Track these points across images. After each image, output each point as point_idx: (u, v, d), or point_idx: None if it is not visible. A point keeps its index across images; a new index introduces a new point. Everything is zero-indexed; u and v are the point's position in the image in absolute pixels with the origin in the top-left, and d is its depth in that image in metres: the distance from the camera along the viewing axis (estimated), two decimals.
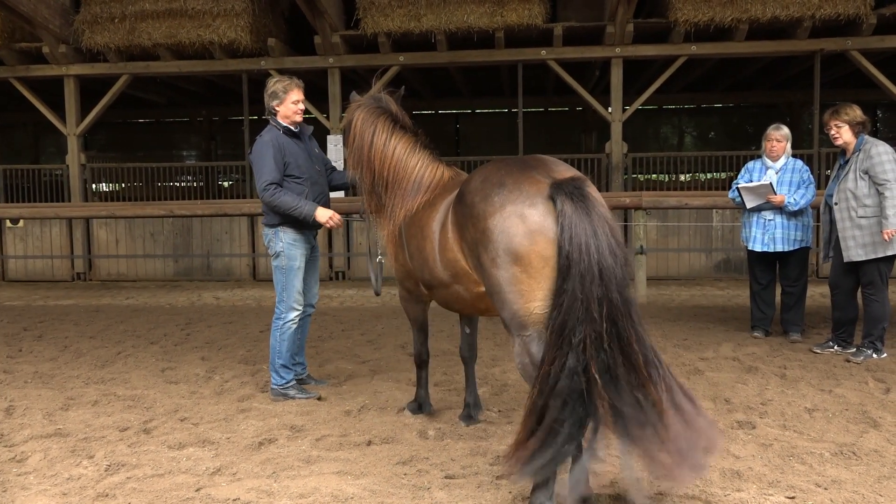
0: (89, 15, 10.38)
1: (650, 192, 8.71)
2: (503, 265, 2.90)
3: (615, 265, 2.73)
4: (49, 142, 17.59)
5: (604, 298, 2.69)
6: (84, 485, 3.36)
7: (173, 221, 10.95)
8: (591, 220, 2.75)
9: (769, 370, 5.22)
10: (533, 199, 2.88)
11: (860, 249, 5.42)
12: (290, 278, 4.76)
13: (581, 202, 2.78)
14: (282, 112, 4.76)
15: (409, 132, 4.03)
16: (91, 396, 4.81)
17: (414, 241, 3.73)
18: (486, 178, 3.11)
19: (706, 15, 9.53)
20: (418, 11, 9.91)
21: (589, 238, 2.72)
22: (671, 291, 9.36)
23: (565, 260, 2.74)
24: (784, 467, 3.44)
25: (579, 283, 2.69)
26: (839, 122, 5.56)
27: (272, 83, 4.79)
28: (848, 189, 5.46)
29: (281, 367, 4.75)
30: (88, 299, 9.54)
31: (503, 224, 2.90)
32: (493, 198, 2.97)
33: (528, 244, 2.85)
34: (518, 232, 2.86)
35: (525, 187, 2.93)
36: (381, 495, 3.19)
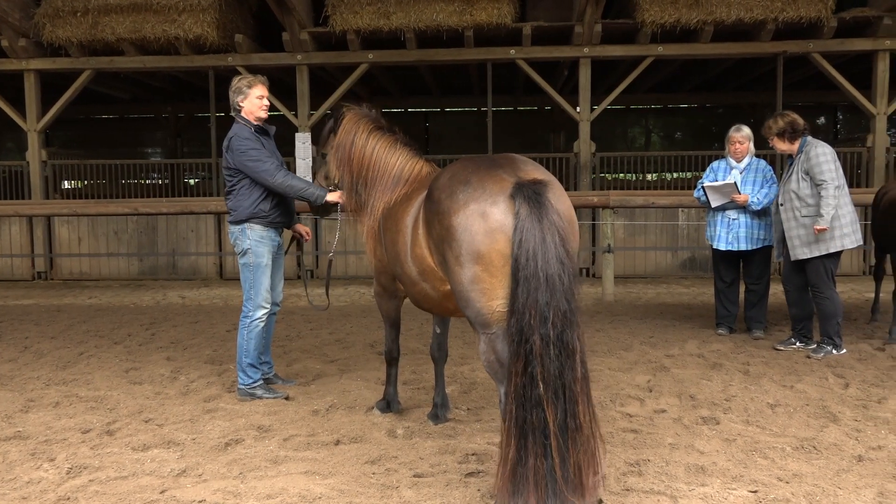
0: (50, 8, 10.14)
1: (618, 192, 8.79)
2: (466, 263, 2.93)
3: (562, 273, 2.75)
4: (8, 138, 17.15)
5: (551, 305, 2.71)
6: (45, 488, 3.29)
7: (138, 219, 10.77)
8: (542, 227, 2.77)
9: (733, 367, 5.31)
10: (495, 197, 2.90)
11: (805, 248, 5.57)
12: (258, 276, 4.73)
13: (536, 207, 2.80)
14: (246, 108, 4.72)
15: (388, 133, 4.16)
16: (52, 398, 4.71)
17: (389, 234, 3.76)
18: (454, 175, 3.14)
19: (672, 16, 9.66)
20: (388, 9, 9.87)
21: (537, 244, 2.75)
22: (638, 289, 9.47)
23: (514, 263, 2.78)
24: (747, 462, 3.50)
25: (525, 287, 2.73)
26: (769, 137, 5.82)
27: (237, 80, 4.78)
28: (791, 190, 5.65)
29: (248, 367, 4.71)
30: (49, 299, 9.34)
31: (466, 222, 2.92)
32: (457, 195, 2.99)
33: (489, 242, 2.87)
34: (479, 230, 2.89)
35: (489, 185, 2.95)
36: (349, 495, 3.18)
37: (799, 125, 5.71)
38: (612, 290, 8.57)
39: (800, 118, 5.76)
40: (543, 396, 2.68)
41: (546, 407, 2.68)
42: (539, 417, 2.68)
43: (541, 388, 2.68)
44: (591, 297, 8.88)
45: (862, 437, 3.82)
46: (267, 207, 4.72)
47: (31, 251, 10.99)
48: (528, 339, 2.70)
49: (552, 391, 2.69)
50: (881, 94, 10.25)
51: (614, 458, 3.54)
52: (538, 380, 2.68)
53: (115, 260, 10.99)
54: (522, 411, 2.70)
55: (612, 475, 3.34)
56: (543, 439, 2.68)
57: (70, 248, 10.98)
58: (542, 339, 2.69)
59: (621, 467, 3.43)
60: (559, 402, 2.69)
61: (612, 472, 3.36)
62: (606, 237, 8.58)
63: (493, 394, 4.69)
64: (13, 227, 10.88)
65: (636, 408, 4.40)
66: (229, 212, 4.80)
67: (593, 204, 8.73)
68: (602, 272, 8.81)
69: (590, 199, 8.71)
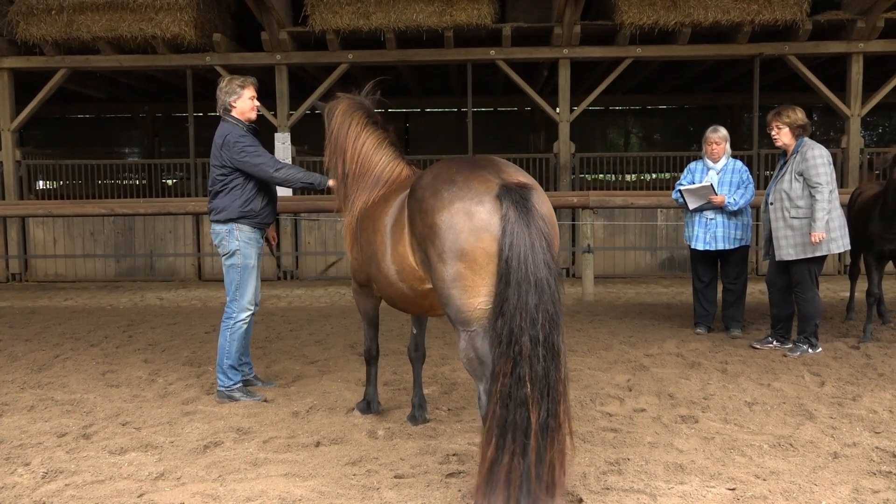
0: (24, 6, 9.99)
1: (597, 192, 8.83)
2: (449, 261, 2.94)
3: (549, 277, 2.81)
4: None
5: (540, 307, 2.77)
6: (19, 493, 3.24)
7: (115, 220, 10.65)
8: (530, 232, 2.82)
9: (711, 365, 5.36)
10: (481, 196, 2.93)
11: (791, 249, 5.58)
12: (246, 277, 4.72)
13: (524, 212, 2.85)
14: (239, 108, 4.74)
15: (380, 128, 4.13)
16: (27, 401, 4.64)
17: (366, 233, 3.76)
18: (437, 174, 3.16)
19: (650, 18, 9.74)
20: (367, 9, 9.85)
21: (527, 249, 2.80)
22: (618, 289, 9.53)
23: (505, 265, 2.81)
24: (725, 460, 3.53)
25: (516, 290, 2.78)
26: (780, 124, 5.71)
27: (228, 80, 4.79)
28: (783, 190, 5.62)
29: (229, 369, 4.69)
30: (24, 301, 9.20)
31: (451, 220, 2.95)
32: (442, 194, 3.02)
33: (474, 241, 2.89)
34: (465, 228, 2.91)
35: (474, 185, 2.98)
36: (329, 496, 3.16)
37: (808, 124, 5.71)
38: (591, 289, 8.62)
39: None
40: (529, 397, 2.72)
41: (531, 407, 2.72)
42: (522, 417, 2.72)
43: (528, 389, 2.72)
44: (572, 296, 8.92)
45: (837, 434, 3.88)
46: (257, 207, 4.71)
47: (6, 252, 10.82)
48: (518, 341, 2.74)
49: (538, 391, 2.73)
50: (855, 96, 10.41)
51: (594, 458, 3.56)
52: (525, 380, 2.73)
53: (91, 261, 10.85)
54: (506, 411, 2.73)
55: (593, 474, 3.35)
56: (524, 439, 2.71)
57: (45, 250, 10.83)
58: (531, 340, 2.74)
59: (601, 466, 3.45)
60: (543, 403, 2.74)
61: (591, 471, 3.38)
62: (586, 237, 8.62)
63: (473, 394, 4.69)
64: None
65: (616, 407, 4.42)
66: (213, 211, 4.75)
67: (573, 204, 8.78)
68: (582, 272, 8.86)
69: (570, 199, 8.75)
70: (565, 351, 2.85)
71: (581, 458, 3.56)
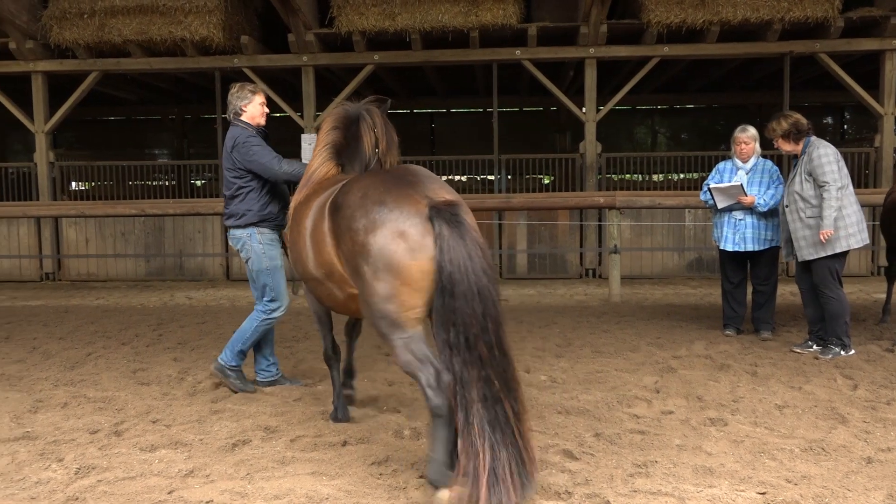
0: (57, 10, 10.20)
1: (624, 192, 8.77)
2: (384, 278, 3.08)
3: (489, 284, 3.00)
4: (16, 139, 17.22)
5: (486, 314, 2.96)
6: (53, 489, 3.30)
7: (145, 221, 10.81)
8: (466, 245, 2.99)
9: (741, 368, 5.29)
10: (412, 218, 3.08)
11: (811, 249, 5.56)
12: (278, 277, 4.84)
13: (456, 228, 3.01)
14: (249, 112, 4.84)
15: (335, 133, 4.08)
16: (60, 399, 4.73)
17: (292, 233, 3.91)
18: (366, 194, 3.24)
19: (678, 17, 9.65)
20: (393, 10, 9.89)
21: (466, 260, 2.97)
22: (644, 290, 9.45)
23: (448, 279, 2.97)
24: (755, 463, 3.49)
25: (462, 300, 2.95)
26: (773, 138, 5.81)
27: (239, 86, 4.92)
28: (795, 191, 5.64)
29: (239, 352, 4.83)
30: (57, 300, 9.38)
31: (384, 240, 3.08)
32: (373, 215, 3.14)
33: (410, 259, 3.05)
34: (399, 249, 3.06)
35: (405, 207, 3.11)
36: (356, 495, 3.18)
37: (803, 125, 5.69)
38: (618, 290, 8.56)
39: (803, 118, 5.74)
40: (501, 393, 2.93)
41: (504, 402, 2.94)
42: (501, 412, 2.93)
43: (497, 387, 2.93)
44: (598, 297, 8.87)
45: (871, 438, 3.80)
46: (276, 210, 4.81)
47: (39, 252, 11.04)
48: (476, 348, 2.94)
49: (504, 387, 2.95)
50: (888, 94, 10.22)
51: (621, 460, 3.53)
52: (493, 380, 2.93)
53: (122, 261, 11.03)
54: (487, 411, 2.91)
55: (619, 476, 3.33)
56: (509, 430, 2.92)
57: (78, 249, 11.03)
58: (486, 345, 2.95)
59: (628, 468, 3.42)
60: (510, 396, 2.96)
61: (618, 473, 3.36)
62: (613, 238, 8.56)
63: None
64: (21, 228, 10.93)
65: (643, 409, 4.39)
66: (230, 216, 4.84)
67: (599, 205, 8.73)
68: (609, 273, 8.80)
69: (596, 199, 8.70)
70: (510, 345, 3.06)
71: (608, 460, 3.54)
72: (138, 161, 12.87)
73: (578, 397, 4.60)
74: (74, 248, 11.05)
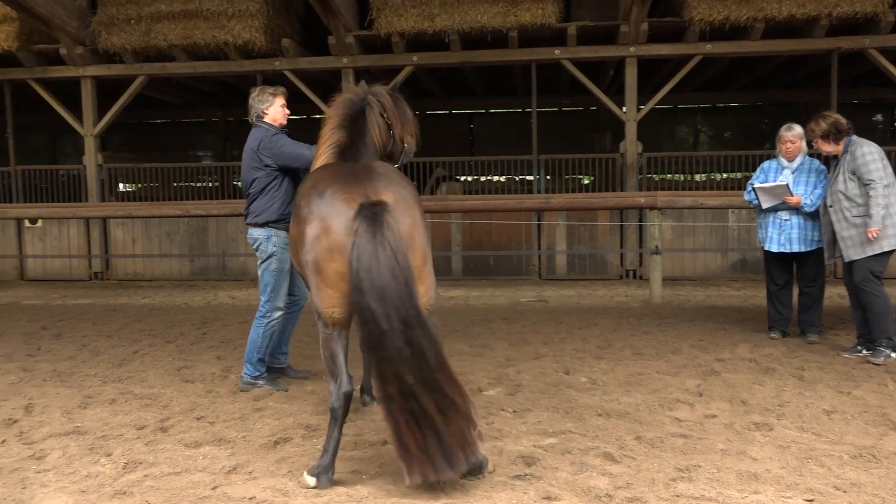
0: (106, 16, 10.46)
1: (665, 192, 8.64)
2: (311, 271, 3.29)
3: (396, 284, 3.06)
4: (66, 142, 17.75)
5: (391, 315, 3.03)
6: (102, 482, 3.39)
7: (189, 221, 11.02)
8: (375, 243, 3.08)
9: (786, 371, 5.18)
10: (340, 216, 3.20)
11: (857, 249, 5.47)
12: (281, 280, 4.96)
13: (372, 226, 3.10)
14: (271, 115, 5.00)
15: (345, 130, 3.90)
16: (108, 395, 4.86)
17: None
18: (315, 184, 3.42)
19: (721, 14, 9.47)
20: (432, 11, 9.91)
21: (372, 259, 3.07)
22: (686, 292, 9.31)
23: (356, 277, 3.08)
24: (802, 470, 3.41)
25: (370, 299, 3.05)
26: (812, 139, 5.74)
27: (259, 90, 5.06)
28: (839, 191, 5.55)
29: (258, 361, 4.97)
30: (106, 298, 9.63)
31: (313, 233, 3.25)
32: (311, 206, 3.30)
33: (328, 258, 3.20)
34: (322, 245, 3.21)
35: (338, 203, 3.22)
36: (395, 495, 3.19)
37: (842, 125, 5.60)
38: (659, 292, 8.44)
39: (842, 118, 5.66)
40: (415, 387, 3.03)
41: (420, 396, 3.03)
42: (420, 405, 3.03)
43: (411, 381, 3.03)
44: (639, 299, 8.77)
45: None
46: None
47: (88, 252, 11.34)
48: (383, 347, 3.04)
49: (420, 382, 3.04)
50: None
51: (663, 464, 3.49)
52: (405, 377, 3.03)
53: (167, 260, 11.27)
54: (406, 403, 3.03)
55: (661, 480, 3.29)
56: (429, 421, 3.04)
57: (125, 249, 11.30)
58: (393, 344, 3.03)
59: (670, 472, 3.38)
60: (429, 391, 3.04)
61: (660, 478, 3.32)
62: (654, 238, 8.46)
63: (539, 396, 4.67)
64: (71, 228, 11.25)
65: (686, 412, 4.32)
66: (250, 214, 4.96)
67: (640, 205, 8.62)
68: (649, 274, 8.69)
69: (637, 199, 8.60)
70: (434, 343, 3.11)
71: (649, 463, 3.50)
72: (182, 163, 13.10)
73: (619, 399, 4.56)
74: (122, 248, 11.32)
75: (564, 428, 4.04)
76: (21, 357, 6.07)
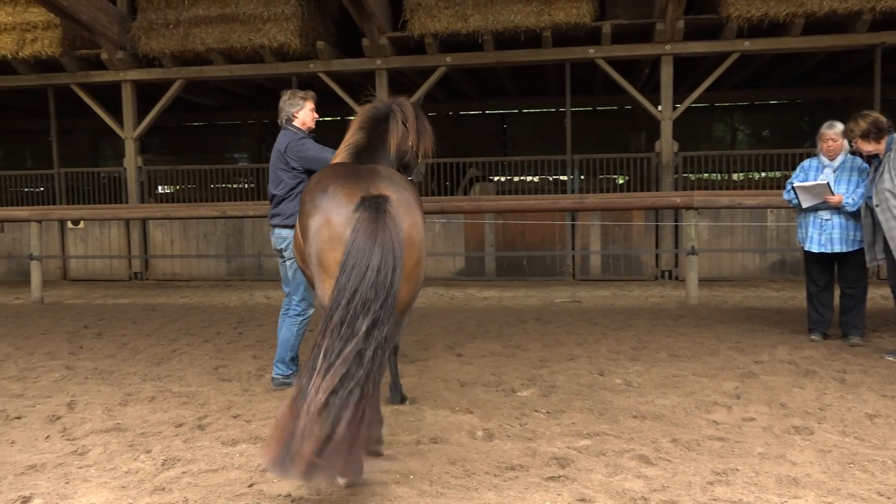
0: (145, 22, 10.68)
1: (702, 192, 8.51)
2: (314, 263, 3.39)
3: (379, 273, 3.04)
4: (107, 145, 18.15)
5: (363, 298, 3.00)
6: (142, 478, 3.46)
7: (226, 222, 11.19)
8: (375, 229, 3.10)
9: (828, 374, 5.06)
10: (341, 208, 3.30)
11: None
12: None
13: (374, 213, 3.14)
14: (301, 118, 5.08)
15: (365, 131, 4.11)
16: (148, 392, 4.95)
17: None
18: (319, 180, 3.56)
19: (760, 10, 9.31)
20: (465, 12, 9.91)
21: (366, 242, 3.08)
22: (724, 293, 9.17)
23: (345, 256, 3.10)
24: (844, 475, 3.33)
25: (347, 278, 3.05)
26: (852, 139, 5.61)
27: (290, 94, 5.15)
28: (886, 189, 5.41)
29: (291, 360, 5.04)
30: (145, 298, 9.82)
31: (315, 226, 3.36)
32: (315, 200, 3.42)
33: (328, 249, 3.29)
34: (324, 237, 3.31)
35: (339, 197, 3.34)
36: (429, 495, 3.20)
37: (882, 124, 5.49)
38: (696, 293, 8.32)
39: (882, 116, 5.54)
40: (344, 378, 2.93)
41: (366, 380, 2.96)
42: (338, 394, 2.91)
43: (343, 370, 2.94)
44: (674, 300, 8.66)
45: None
46: None
47: (129, 252, 11.58)
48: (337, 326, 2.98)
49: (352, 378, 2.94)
50: None
51: (700, 467, 3.44)
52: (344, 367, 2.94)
53: (204, 261, 11.45)
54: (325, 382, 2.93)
55: (698, 483, 3.24)
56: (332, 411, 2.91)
57: (163, 250, 11.51)
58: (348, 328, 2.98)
59: (707, 476, 3.33)
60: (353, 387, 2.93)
61: (697, 481, 3.27)
62: (690, 239, 8.34)
63: (573, 397, 4.64)
64: (112, 229, 11.50)
65: (723, 415, 4.25)
66: (277, 216, 5.03)
67: (676, 205, 8.51)
68: (685, 275, 8.57)
69: (672, 199, 8.49)
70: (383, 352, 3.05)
71: (685, 466, 3.45)
72: (219, 165, 13.30)
73: (654, 402, 4.50)
74: (160, 248, 11.54)
75: (599, 429, 4.00)
76: (64, 355, 6.22)
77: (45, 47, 10.95)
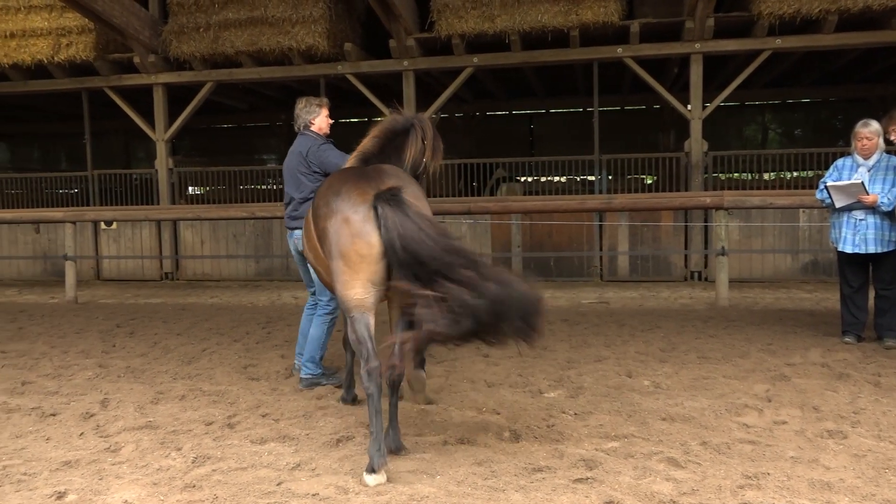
0: (176, 25, 10.84)
1: (732, 192, 8.40)
2: (334, 258, 3.56)
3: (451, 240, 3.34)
4: (139, 147, 18.45)
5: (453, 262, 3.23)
6: (173, 476, 3.51)
7: (254, 223, 11.30)
8: (411, 219, 3.33)
9: (862, 377, 4.97)
10: (357, 207, 3.51)
11: None
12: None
13: (397, 206, 3.37)
14: (318, 124, 5.23)
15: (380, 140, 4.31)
16: (179, 391, 5.02)
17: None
18: (331, 185, 3.77)
19: (792, 7, 9.16)
20: (492, 12, 9.90)
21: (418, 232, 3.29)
22: (755, 294, 9.04)
23: (387, 239, 3.33)
24: (879, 480, 3.27)
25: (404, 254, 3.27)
26: (891, 134, 5.53)
27: (305, 101, 5.29)
28: None
29: (320, 359, 5.12)
30: (176, 298, 9.95)
31: (334, 226, 3.57)
32: (330, 203, 3.63)
33: (349, 244, 3.48)
34: (344, 233, 3.51)
35: (353, 197, 3.55)
36: (456, 496, 3.20)
37: None
38: (726, 294, 8.22)
39: None
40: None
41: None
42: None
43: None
44: (704, 301, 8.56)
45: None
46: None
47: (160, 253, 11.75)
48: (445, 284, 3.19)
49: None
50: None
51: (730, 470, 3.39)
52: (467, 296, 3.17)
53: (233, 261, 11.58)
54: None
55: (728, 487, 3.20)
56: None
57: (194, 251, 11.67)
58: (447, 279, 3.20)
59: (738, 480, 3.28)
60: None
61: (727, 484, 3.23)
62: (720, 239, 8.24)
63: (601, 399, 4.61)
64: (144, 230, 11.68)
65: (754, 418, 4.19)
66: (296, 219, 5.13)
67: (706, 205, 8.42)
68: (715, 276, 8.47)
69: (703, 199, 8.40)
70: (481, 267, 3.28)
71: (715, 469, 3.41)
72: (248, 166, 13.43)
73: (683, 404, 4.46)
74: (191, 249, 11.69)
75: (627, 432, 3.97)
76: (97, 353, 6.34)
77: (80, 51, 11.18)
